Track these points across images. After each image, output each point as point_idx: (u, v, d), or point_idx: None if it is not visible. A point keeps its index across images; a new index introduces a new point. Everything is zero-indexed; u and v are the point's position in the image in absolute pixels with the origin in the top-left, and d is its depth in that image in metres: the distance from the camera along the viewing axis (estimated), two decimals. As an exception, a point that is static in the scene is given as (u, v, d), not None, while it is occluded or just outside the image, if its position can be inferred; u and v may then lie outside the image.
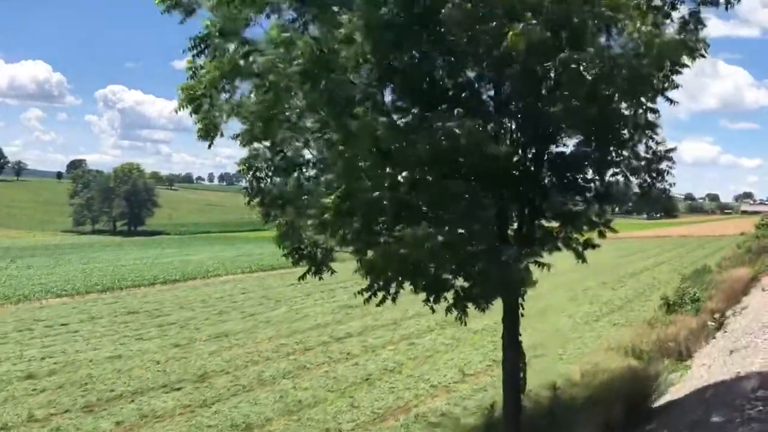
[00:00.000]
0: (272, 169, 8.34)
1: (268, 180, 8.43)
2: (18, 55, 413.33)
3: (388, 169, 7.08)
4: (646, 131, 7.88)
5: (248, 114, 7.72)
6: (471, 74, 7.76)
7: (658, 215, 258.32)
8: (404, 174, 7.03)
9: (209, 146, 7.95)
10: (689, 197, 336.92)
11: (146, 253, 61.79)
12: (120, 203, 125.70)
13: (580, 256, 8.27)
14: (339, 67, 7.02)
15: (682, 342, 13.95)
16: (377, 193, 7.11)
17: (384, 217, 7.40)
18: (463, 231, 7.28)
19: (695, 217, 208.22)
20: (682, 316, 16.20)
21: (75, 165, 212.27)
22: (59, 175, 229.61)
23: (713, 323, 15.49)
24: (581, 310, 23.17)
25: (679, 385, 11.42)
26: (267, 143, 8.14)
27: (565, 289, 25.64)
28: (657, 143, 8.02)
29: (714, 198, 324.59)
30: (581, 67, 6.53)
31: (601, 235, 8.32)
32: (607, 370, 11.42)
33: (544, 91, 7.41)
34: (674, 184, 8.43)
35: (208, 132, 8.02)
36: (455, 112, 6.85)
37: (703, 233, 79.54)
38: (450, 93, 7.61)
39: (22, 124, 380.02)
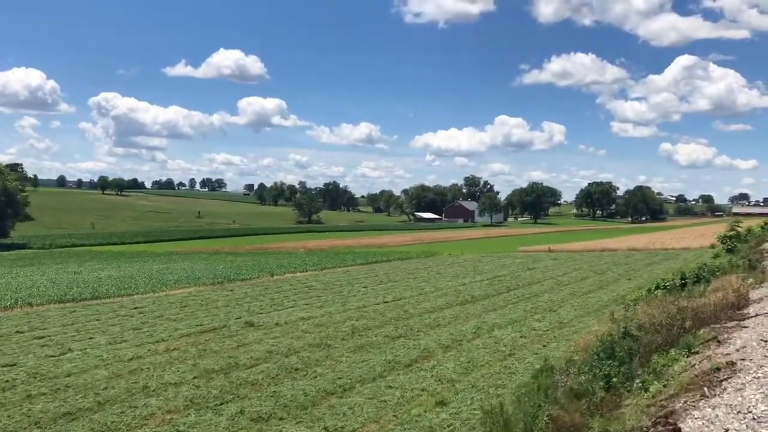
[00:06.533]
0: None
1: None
2: (9, 63, 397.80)
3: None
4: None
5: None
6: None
7: (643, 218, 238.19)
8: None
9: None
10: (681, 199, 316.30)
11: None
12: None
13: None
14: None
15: None
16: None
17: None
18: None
19: (682, 221, 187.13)
20: None
21: (11, 168, 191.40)
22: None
23: None
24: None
25: None
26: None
27: None
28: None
29: (707, 199, 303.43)
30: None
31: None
32: None
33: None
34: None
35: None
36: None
37: (663, 245, 58.59)
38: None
39: (17, 132, 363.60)
